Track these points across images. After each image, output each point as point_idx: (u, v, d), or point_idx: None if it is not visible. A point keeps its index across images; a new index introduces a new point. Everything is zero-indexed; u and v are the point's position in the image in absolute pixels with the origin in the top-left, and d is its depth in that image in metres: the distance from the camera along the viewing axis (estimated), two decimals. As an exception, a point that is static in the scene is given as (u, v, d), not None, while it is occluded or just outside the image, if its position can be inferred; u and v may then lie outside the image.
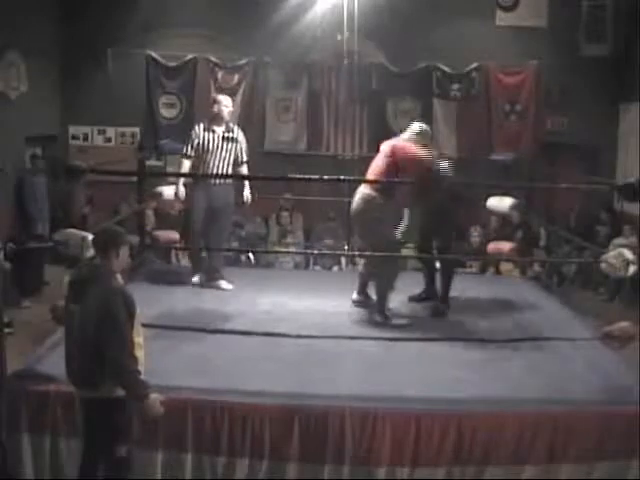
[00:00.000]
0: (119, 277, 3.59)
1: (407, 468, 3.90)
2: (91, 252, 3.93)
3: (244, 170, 6.38)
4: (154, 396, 3.49)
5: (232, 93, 10.46)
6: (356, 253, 8.71)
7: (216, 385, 4.12)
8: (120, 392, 3.48)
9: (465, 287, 6.73)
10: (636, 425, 3.89)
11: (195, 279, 6.34)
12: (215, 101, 6.36)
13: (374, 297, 5.65)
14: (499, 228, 9.79)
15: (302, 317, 5.55)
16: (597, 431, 3.93)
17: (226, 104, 6.30)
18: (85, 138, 11.02)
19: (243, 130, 6.52)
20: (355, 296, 5.89)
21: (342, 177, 6.60)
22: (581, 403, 4.09)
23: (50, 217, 9.84)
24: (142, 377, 3.47)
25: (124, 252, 3.61)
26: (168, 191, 7.08)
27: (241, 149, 6.31)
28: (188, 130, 6.51)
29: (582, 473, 3.93)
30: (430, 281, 6.06)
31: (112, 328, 3.40)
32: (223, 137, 6.21)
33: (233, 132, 6.29)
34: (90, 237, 4.42)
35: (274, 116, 10.62)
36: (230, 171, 6.25)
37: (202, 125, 6.27)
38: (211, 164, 6.14)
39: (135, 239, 6.75)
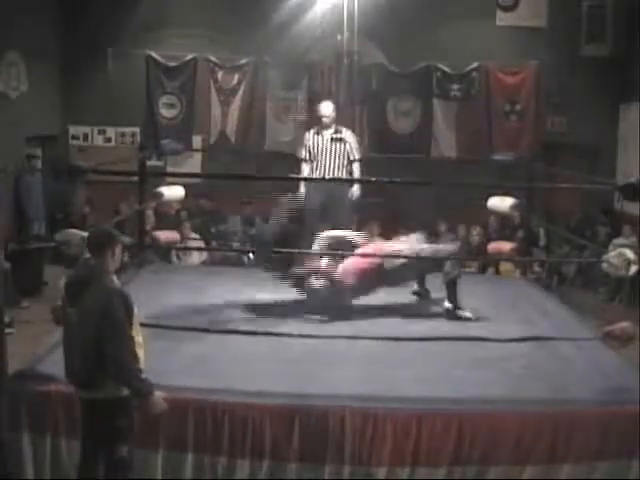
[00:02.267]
0: (114, 277, 3.59)
1: (407, 468, 3.89)
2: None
3: (355, 167, 6.80)
4: (157, 394, 3.51)
5: (232, 93, 10.49)
6: (356, 253, 8.72)
7: (216, 385, 4.12)
8: (121, 392, 3.49)
9: (465, 287, 6.74)
10: (636, 425, 3.89)
11: None
12: (317, 110, 6.96)
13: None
14: (499, 228, 9.79)
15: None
16: (597, 431, 3.93)
17: (322, 114, 6.80)
18: (85, 138, 11.03)
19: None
20: (415, 288, 6.05)
21: (342, 177, 6.61)
22: (581, 403, 4.09)
23: (47, 217, 9.85)
24: (145, 375, 3.48)
25: (118, 252, 3.63)
26: (168, 191, 7.09)
27: (350, 149, 6.78)
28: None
29: (582, 473, 3.92)
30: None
31: (113, 328, 3.41)
32: (331, 139, 6.73)
33: (341, 133, 6.80)
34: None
35: (274, 116, 10.61)
36: (343, 170, 6.74)
37: (312, 130, 6.87)
38: (322, 165, 6.69)
39: (127, 239, 6.75)
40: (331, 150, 6.69)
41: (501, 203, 6.87)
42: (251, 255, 8.78)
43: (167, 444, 3.94)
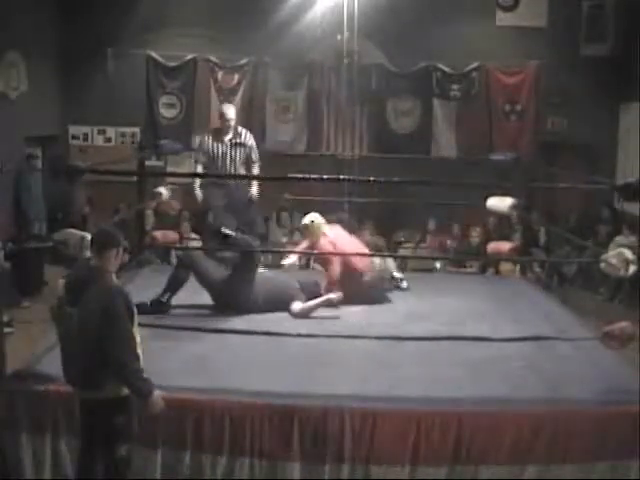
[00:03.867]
0: (114, 277, 3.60)
1: (407, 467, 3.90)
2: (89, 252, 3.92)
3: (255, 170, 6.82)
4: (157, 393, 3.51)
5: (232, 93, 10.48)
6: (354, 253, 8.72)
7: (216, 385, 4.12)
8: (121, 392, 3.49)
9: (466, 287, 6.76)
10: (636, 425, 3.89)
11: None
12: (220, 115, 6.78)
13: None
14: (499, 228, 9.80)
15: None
16: (597, 431, 3.93)
17: (229, 117, 6.66)
18: (85, 138, 11.02)
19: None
20: None
21: (342, 177, 6.61)
22: (581, 403, 4.09)
23: (48, 217, 9.84)
24: (146, 375, 3.48)
25: (121, 253, 3.63)
26: (167, 191, 7.09)
27: (250, 151, 6.72)
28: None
29: (582, 473, 3.93)
30: None
31: (115, 327, 3.41)
32: (231, 144, 6.63)
33: (241, 137, 6.69)
34: (89, 237, 4.42)
35: (274, 116, 10.61)
36: (242, 172, 6.72)
37: (210, 135, 6.72)
38: (221, 169, 6.58)
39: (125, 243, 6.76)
40: (231, 155, 6.61)
41: (500, 203, 6.86)
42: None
43: (166, 444, 3.94)
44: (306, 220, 6.15)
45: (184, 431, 3.93)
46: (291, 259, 6.35)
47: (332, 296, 5.64)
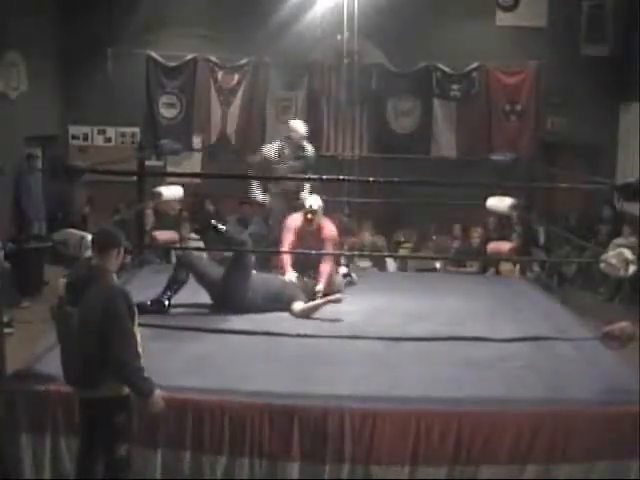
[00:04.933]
0: (115, 276, 3.60)
1: (407, 467, 3.90)
2: (89, 252, 3.93)
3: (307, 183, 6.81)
4: (157, 393, 3.52)
5: (232, 93, 10.51)
6: (356, 253, 8.74)
7: (216, 385, 4.12)
8: (121, 391, 3.49)
9: (466, 287, 6.76)
10: (636, 425, 3.89)
11: None
12: (291, 129, 6.71)
13: None
14: (498, 228, 9.79)
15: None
16: (597, 431, 3.93)
17: (302, 133, 6.66)
18: (85, 138, 11.03)
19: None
20: None
21: (342, 177, 6.61)
22: (581, 403, 4.09)
23: (48, 217, 9.85)
24: (147, 375, 3.49)
25: (121, 252, 3.64)
26: (167, 191, 7.09)
27: (309, 163, 6.72)
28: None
29: (582, 473, 3.93)
30: None
31: (116, 326, 3.41)
32: (296, 157, 6.62)
33: (304, 150, 6.69)
34: (89, 237, 4.42)
35: (274, 116, 10.62)
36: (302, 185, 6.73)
37: (279, 145, 6.65)
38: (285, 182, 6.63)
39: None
40: (294, 167, 6.60)
41: (500, 203, 6.87)
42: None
43: (166, 444, 3.94)
44: (318, 202, 6.04)
45: (184, 431, 3.93)
46: (291, 275, 5.97)
47: (334, 298, 5.64)
